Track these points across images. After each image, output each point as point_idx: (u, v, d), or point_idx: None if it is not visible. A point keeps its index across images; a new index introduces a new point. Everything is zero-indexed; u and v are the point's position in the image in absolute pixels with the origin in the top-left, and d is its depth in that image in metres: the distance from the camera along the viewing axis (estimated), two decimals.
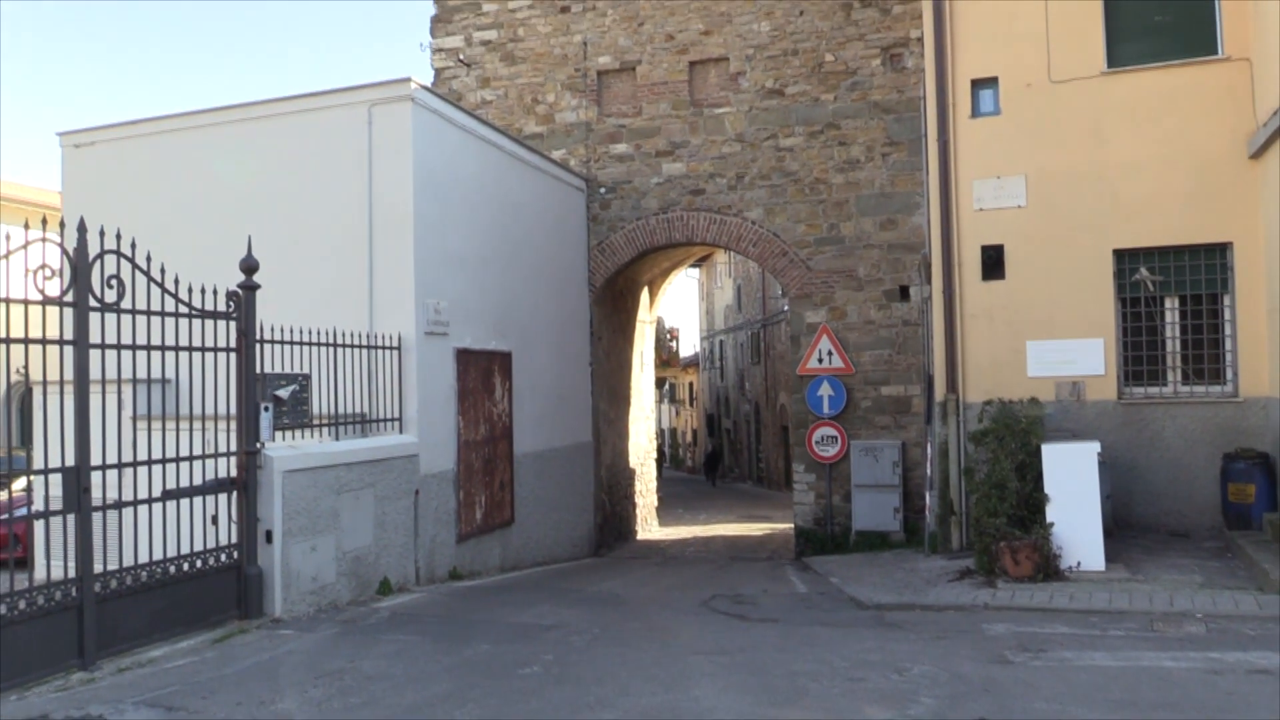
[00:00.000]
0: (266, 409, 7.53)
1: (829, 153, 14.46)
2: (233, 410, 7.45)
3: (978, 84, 10.58)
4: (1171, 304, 10.01)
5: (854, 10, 14.44)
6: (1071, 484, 8.29)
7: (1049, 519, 8.30)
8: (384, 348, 9.67)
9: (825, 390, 14.21)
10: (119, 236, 6.38)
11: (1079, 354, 10.10)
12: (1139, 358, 10.03)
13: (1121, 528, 9.63)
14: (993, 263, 10.36)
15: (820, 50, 14.55)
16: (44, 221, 6.09)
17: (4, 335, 5.49)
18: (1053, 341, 10.16)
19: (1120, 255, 10.06)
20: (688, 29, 15.18)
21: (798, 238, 14.59)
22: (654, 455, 19.97)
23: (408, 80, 10.07)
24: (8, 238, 5.62)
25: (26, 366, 5.94)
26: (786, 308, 15.44)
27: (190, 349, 6.93)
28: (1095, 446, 8.38)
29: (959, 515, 10.15)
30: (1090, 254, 10.07)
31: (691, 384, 50.21)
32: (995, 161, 10.41)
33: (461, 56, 16.25)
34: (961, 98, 10.56)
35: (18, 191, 20.76)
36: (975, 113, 10.57)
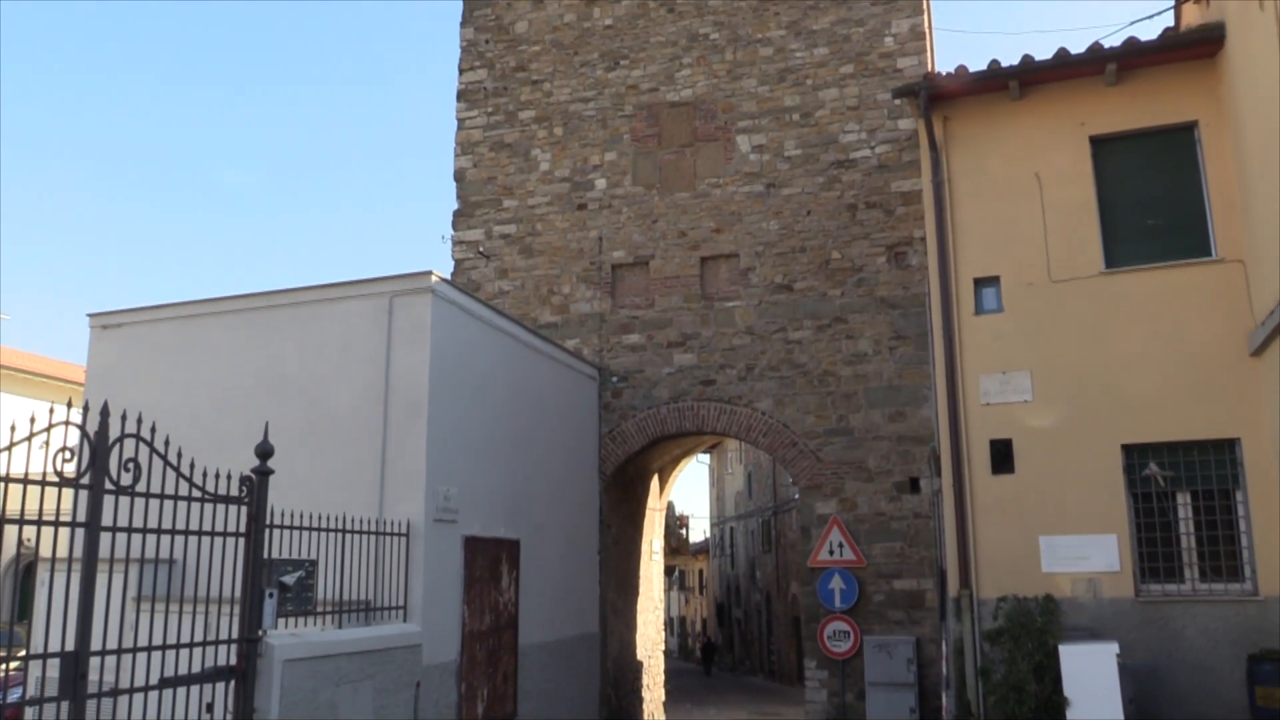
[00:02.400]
0: (271, 595, 7.47)
1: (837, 346, 14.76)
2: (237, 594, 7.39)
3: (980, 282, 10.91)
4: (1184, 499, 9.96)
5: (859, 211, 15.03)
6: (1092, 687, 8.08)
7: None
8: (392, 534, 9.65)
9: (837, 583, 13.99)
10: (139, 420, 6.51)
11: (1093, 549, 9.99)
12: (1154, 554, 9.90)
13: None
14: (1002, 457, 10.40)
15: (827, 248, 15.07)
16: (69, 405, 6.24)
17: (17, 515, 5.53)
18: (1066, 537, 10.07)
19: (1129, 450, 10.09)
20: (699, 226, 15.78)
21: (807, 429, 14.70)
22: (662, 647, 19.48)
23: (429, 273, 10.44)
24: (32, 419, 5.76)
25: (37, 539, 5.96)
26: (797, 496, 15.45)
27: (200, 533, 6.94)
28: (1114, 648, 8.20)
29: (977, 717, 9.82)
30: (1099, 449, 10.11)
31: (701, 571, 49.37)
32: (1000, 357, 10.60)
33: (481, 249, 16.85)
34: (965, 296, 10.85)
35: (40, 365, 21.19)
36: (979, 310, 10.84)
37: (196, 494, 6.98)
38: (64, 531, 6.13)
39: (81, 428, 6.24)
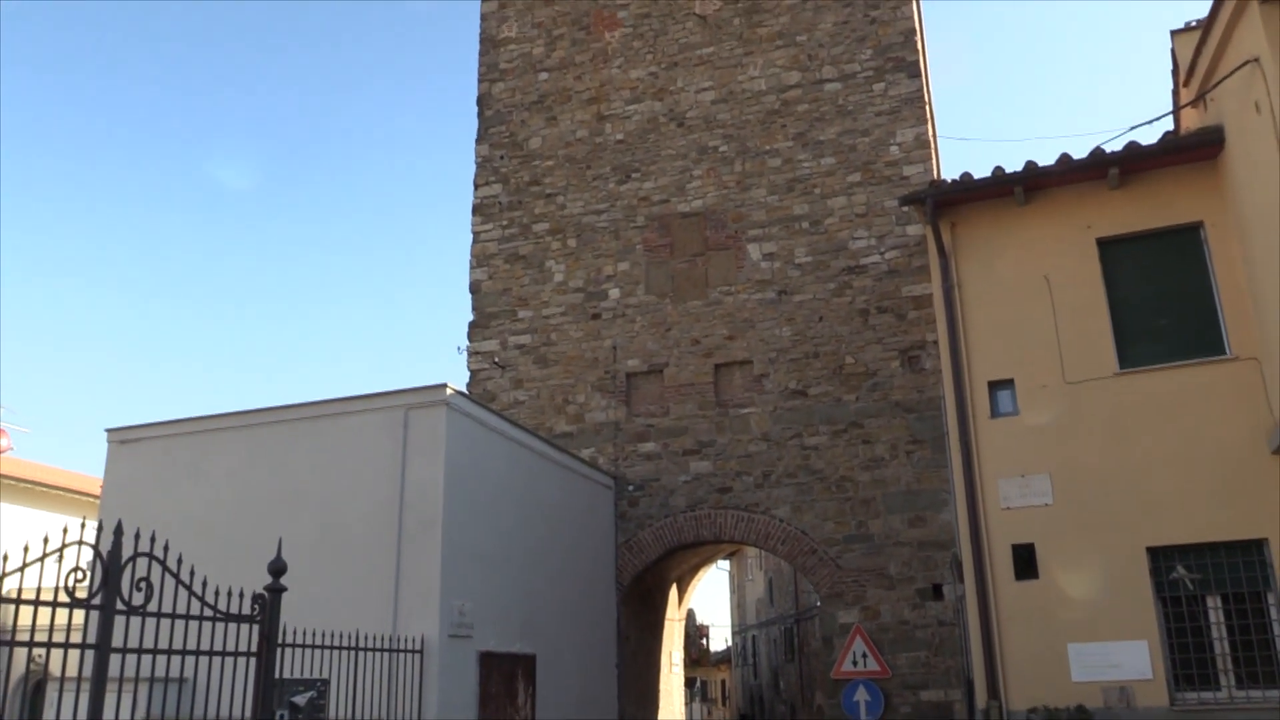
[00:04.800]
0: (282, 717, 7.32)
1: (854, 451, 14.67)
2: (249, 714, 7.24)
3: (994, 385, 10.90)
4: (1214, 602, 9.75)
5: (871, 316, 15.11)
6: None
7: None
8: (406, 651, 9.50)
9: (861, 695, 13.62)
10: (153, 539, 6.49)
11: (1123, 656, 9.75)
12: (1187, 660, 9.65)
13: None
14: (1025, 562, 10.23)
15: (840, 353, 15.11)
16: (82, 525, 6.24)
17: (28, 630, 5.49)
18: (1095, 644, 9.84)
19: (1155, 553, 9.93)
20: (713, 334, 15.88)
21: (826, 535, 14.52)
22: None
23: (443, 386, 10.50)
24: (45, 539, 5.76)
25: (47, 657, 5.89)
26: (819, 603, 15.16)
27: (211, 654, 6.85)
28: None
29: None
30: (1124, 552, 9.95)
31: (724, 681, 48.22)
32: (1018, 460, 10.52)
33: (496, 359, 16.97)
34: (980, 399, 10.84)
35: (56, 477, 21.22)
36: (994, 413, 10.81)
37: (208, 613, 6.91)
38: (74, 651, 6.06)
39: (95, 547, 6.22)
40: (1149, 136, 12.72)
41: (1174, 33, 12.63)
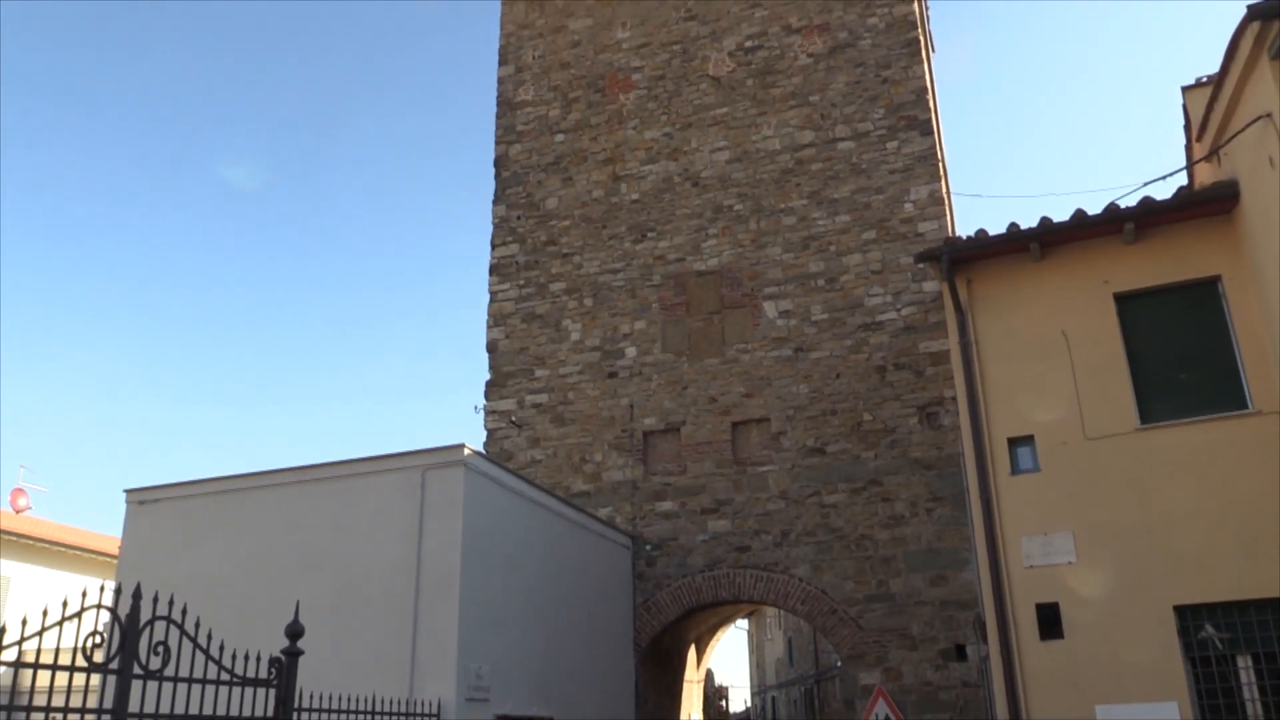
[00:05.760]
0: None
1: (873, 509, 14.55)
2: None
3: (1014, 442, 10.80)
4: (1244, 662, 9.53)
5: (888, 373, 15.08)
6: None
7: None
8: (422, 715, 9.38)
9: None
10: (171, 603, 6.47)
11: (1152, 718, 9.53)
12: None
13: None
14: (1049, 622, 10.06)
15: (858, 410, 15.06)
16: (101, 590, 6.23)
17: (45, 690, 5.46)
18: (1123, 706, 9.62)
19: (1182, 611, 9.73)
20: (729, 392, 15.87)
21: (846, 595, 14.34)
22: None
23: (461, 446, 10.50)
24: (64, 603, 5.75)
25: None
26: (839, 664, 14.94)
27: (228, 719, 6.78)
28: None
29: None
30: (1151, 611, 9.76)
31: None
32: (1040, 518, 10.39)
33: (514, 418, 16.98)
34: (1000, 456, 10.74)
35: (74, 537, 21.22)
36: (1015, 470, 10.70)
37: (225, 677, 6.86)
38: (90, 716, 6.02)
39: (113, 611, 6.20)
40: (1163, 191, 12.75)
41: (1185, 89, 12.71)
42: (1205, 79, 12.17)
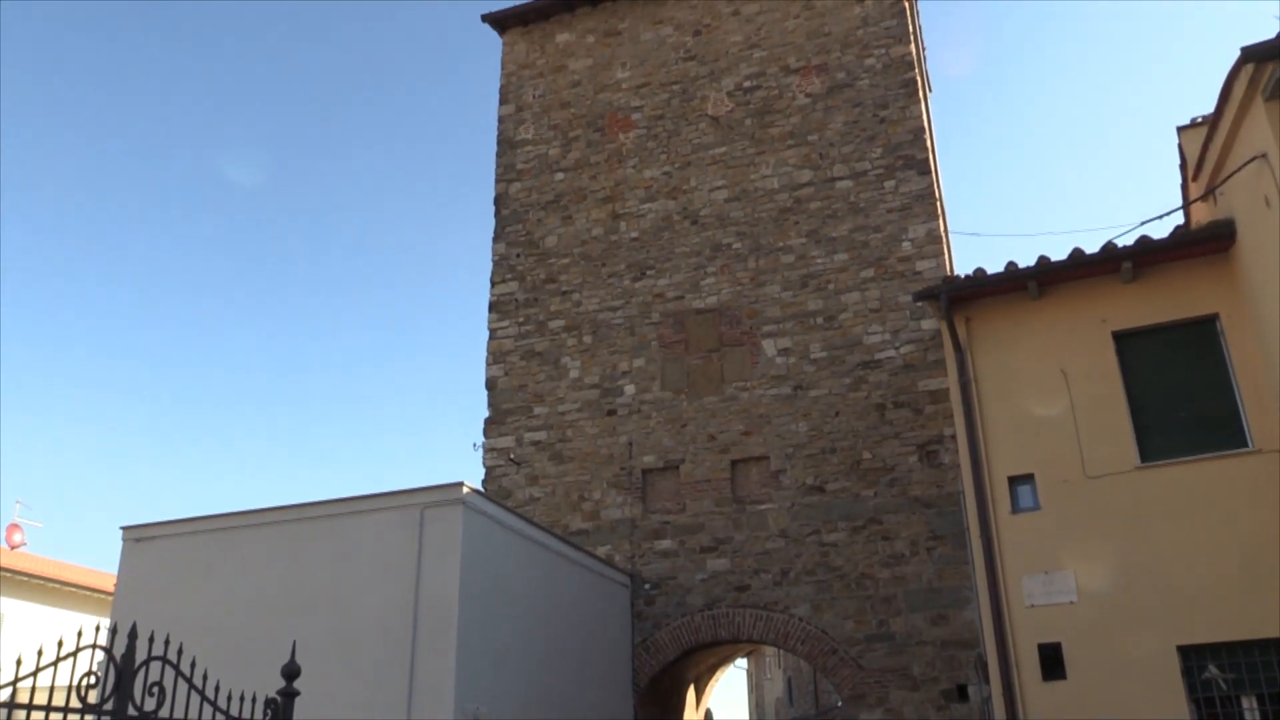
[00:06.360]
0: None
1: (873, 547, 14.48)
2: None
3: (1014, 480, 10.80)
4: (1249, 703, 9.47)
5: (887, 411, 15.07)
6: None
7: None
8: None
9: None
10: (167, 642, 6.42)
11: None
12: None
13: None
14: (1052, 662, 10.00)
15: (858, 448, 15.03)
16: (96, 630, 6.19)
17: None
18: None
19: (1186, 652, 9.69)
20: (728, 430, 15.84)
21: (846, 634, 14.24)
22: None
23: (459, 484, 10.47)
24: (59, 643, 5.70)
25: None
26: (839, 704, 14.80)
27: None
28: None
29: None
30: (1154, 651, 9.71)
31: None
32: (1042, 557, 10.36)
33: (512, 456, 16.94)
34: (1000, 494, 10.73)
35: (69, 573, 21.08)
36: (1015, 508, 10.68)
37: (220, 718, 6.79)
38: None
39: (108, 651, 6.16)
40: (1161, 230, 12.82)
41: (1180, 129, 12.83)
42: (1200, 119, 12.29)
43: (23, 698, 5.78)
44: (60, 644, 5.72)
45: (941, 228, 16.21)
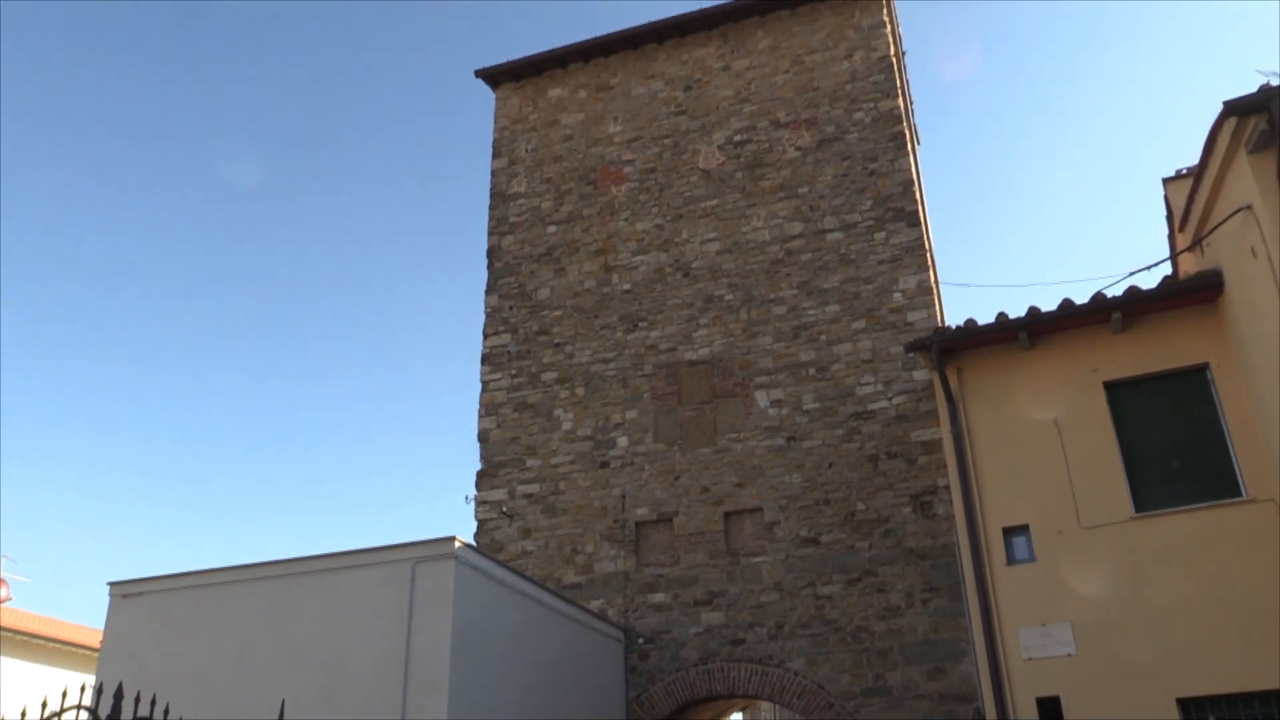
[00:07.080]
0: None
1: (868, 600, 14.37)
2: None
3: (1009, 531, 10.75)
4: None
5: (880, 462, 15.04)
6: None
7: None
8: None
9: None
10: (153, 703, 6.32)
11: None
12: None
13: None
14: (1051, 716, 9.89)
15: (852, 500, 14.97)
16: (82, 690, 6.10)
17: None
18: None
19: (1185, 704, 9.59)
20: (722, 481, 15.78)
21: (843, 688, 14.08)
22: None
23: (451, 539, 10.39)
24: (44, 703, 5.62)
25: None
26: None
27: None
28: None
29: None
30: (1154, 703, 9.61)
31: None
32: (1038, 608, 10.29)
33: (504, 509, 16.84)
34: (995, 545, 10.68)
35: (56, 629, 20.79)
36: (1010, 560, 10.63)
37: None
38: None
39: (93, 711, 6.06)
40: (1149, 281, 12.92)
41: (1166, 180, 12.98)
42: (1185, 170, 12.44)
43: None
44: (45, 704, 5.63)
45: (932, 279, 16.31)
